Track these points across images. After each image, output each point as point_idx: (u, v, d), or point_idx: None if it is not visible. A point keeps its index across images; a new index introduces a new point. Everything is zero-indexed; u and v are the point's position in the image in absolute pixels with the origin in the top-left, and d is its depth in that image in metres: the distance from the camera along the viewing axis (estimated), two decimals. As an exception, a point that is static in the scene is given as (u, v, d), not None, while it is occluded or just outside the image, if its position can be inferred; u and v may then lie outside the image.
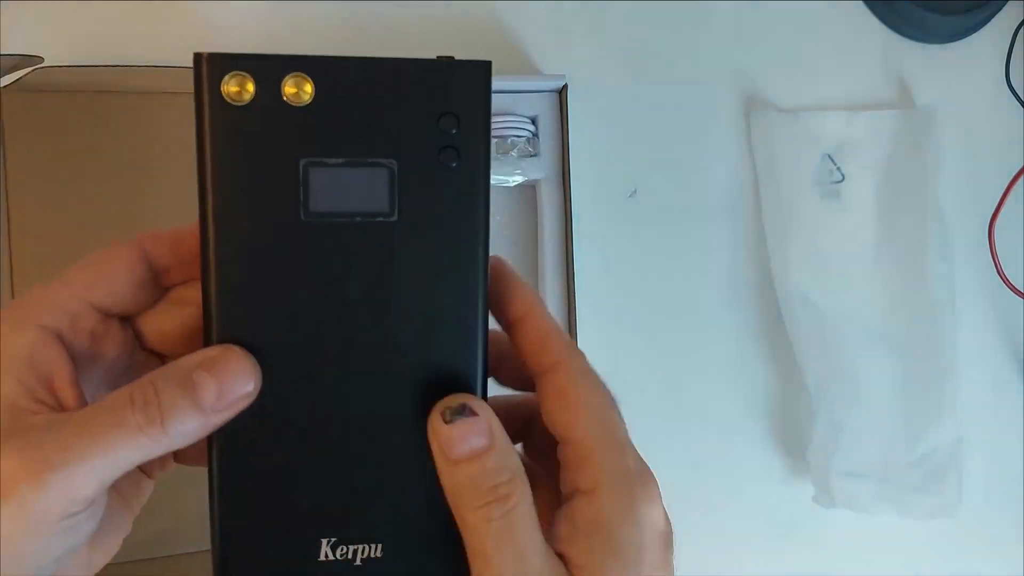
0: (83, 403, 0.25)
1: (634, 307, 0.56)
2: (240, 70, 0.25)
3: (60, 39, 0.52)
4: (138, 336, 0.27)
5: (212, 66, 0.25)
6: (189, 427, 0.23)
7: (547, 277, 0.53)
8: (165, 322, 0.27)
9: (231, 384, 0.24)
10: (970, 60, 0.58)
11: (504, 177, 0.53)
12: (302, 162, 0.25)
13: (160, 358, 0.28)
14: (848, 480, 0.54)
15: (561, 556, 0.25)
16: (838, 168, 0.56)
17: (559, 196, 0.53)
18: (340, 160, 0.26)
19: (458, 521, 0.25)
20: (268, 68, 0.25)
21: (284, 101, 0.25)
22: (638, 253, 0.57)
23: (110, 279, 0.25)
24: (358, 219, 0.26)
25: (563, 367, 0.26)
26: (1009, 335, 0.58)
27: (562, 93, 0.53)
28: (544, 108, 0.54)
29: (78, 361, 0.25)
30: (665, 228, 0.57)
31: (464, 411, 0.25)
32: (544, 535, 0.24)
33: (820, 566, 0.57)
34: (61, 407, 0.24)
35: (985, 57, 0.58)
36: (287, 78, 0.25)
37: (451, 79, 0.26)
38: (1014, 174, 0.55)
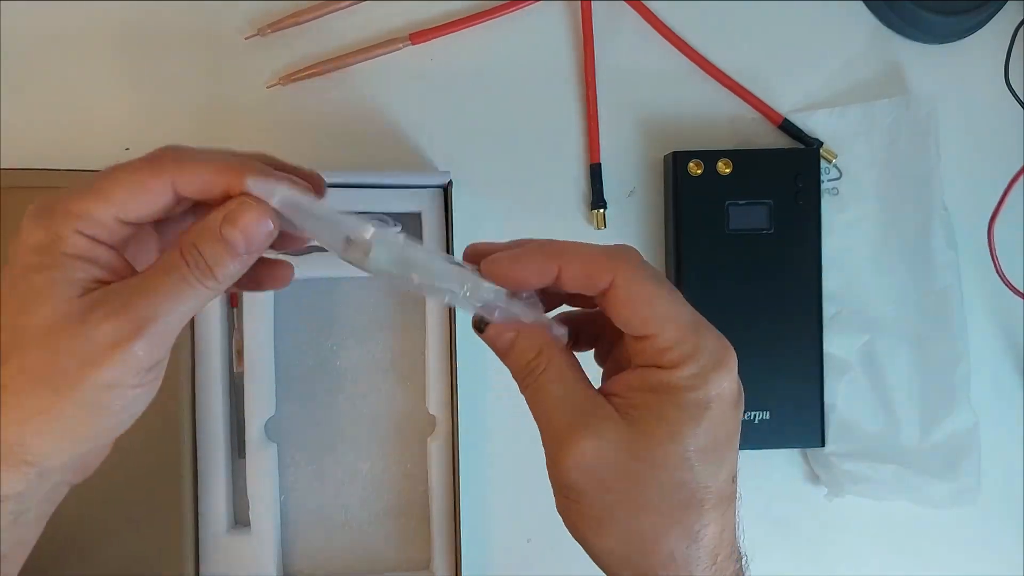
0: (133, 271, 0.30)
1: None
2: (694, 159, 0.52)
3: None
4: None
5: (679, 157, 0.52)
6: (233, 271, 0.30)
7: (431, 368, 0.52)
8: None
9: (254, 230, 0.29)
10: (969, 60, 0.58)
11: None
12: (727, 203, 0.52)
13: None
14: (862, 469, 0.54)
15: (611, 397, 0.31)
16: (834, 165, 0.56)
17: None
18: (744, 201, 0.52)
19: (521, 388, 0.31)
20: (708, 157, 0.52)
21: (717, 172, 0.52)
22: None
23: (139, 205, 0.29)
24: (753, 232, 0.52)
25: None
26: (1008, 334, 0.58)
27: (447, 189, 0.51)
28: (428, 204, 0.51)
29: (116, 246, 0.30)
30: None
31: (481, 323, 0.31)
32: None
33: (825, 565, 0.57)
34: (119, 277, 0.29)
35: (984, 57, 0.58)
36: (719, 162, 0.52)
37: (799, 158, 0.53)
38: (1013, 174, 0.55)
